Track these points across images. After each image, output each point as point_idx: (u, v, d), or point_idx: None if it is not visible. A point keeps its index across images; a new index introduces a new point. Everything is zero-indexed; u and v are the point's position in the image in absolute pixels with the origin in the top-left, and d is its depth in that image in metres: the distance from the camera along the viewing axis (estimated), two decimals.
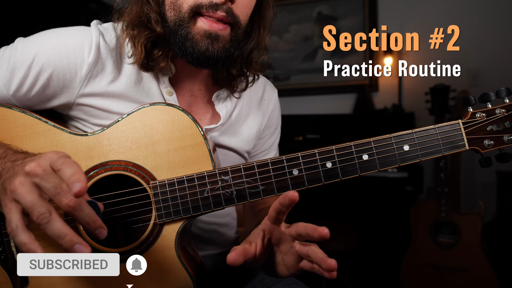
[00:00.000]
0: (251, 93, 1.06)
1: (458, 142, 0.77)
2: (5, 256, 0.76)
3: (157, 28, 0.84)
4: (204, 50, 0.81)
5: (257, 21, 0.93)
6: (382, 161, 0.76)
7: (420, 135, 0.77)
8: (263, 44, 0.96)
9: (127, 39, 0.87)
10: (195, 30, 0.81)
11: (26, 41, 0.85)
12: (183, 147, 0.79)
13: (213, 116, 0.98)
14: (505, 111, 0.77)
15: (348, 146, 0.76)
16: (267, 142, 1.12)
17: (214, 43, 0.81)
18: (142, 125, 0.79)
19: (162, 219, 0.77)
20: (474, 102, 0.79)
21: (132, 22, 0.86)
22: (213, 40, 0.81)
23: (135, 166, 0.78)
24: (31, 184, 0.57)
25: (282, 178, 0.76)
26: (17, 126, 0.78)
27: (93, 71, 0.85)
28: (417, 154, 0.76)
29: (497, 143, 0.77)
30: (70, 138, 0.78)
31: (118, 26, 0.90)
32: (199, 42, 0.81)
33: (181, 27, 0.81)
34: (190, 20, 0.81)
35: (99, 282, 0.77)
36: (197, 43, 0.81)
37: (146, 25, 0.86)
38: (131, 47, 0.86)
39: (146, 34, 0.84)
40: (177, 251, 0.77)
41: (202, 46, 0.81)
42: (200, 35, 0.81)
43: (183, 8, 0.81)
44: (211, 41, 0.81)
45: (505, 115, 0.77)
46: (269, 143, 1.13)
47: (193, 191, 0.77)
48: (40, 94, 0.85)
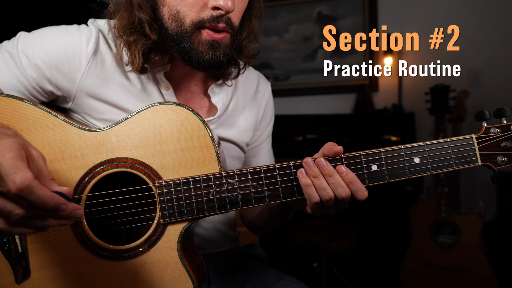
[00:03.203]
0: (246, 86, 1.08)
1: (471, 157, 0.75)
2: (9, 247, 0.77)
3: (152, 35, 0.86)
4: (209, 59, 0.85)
5: (247, 11, 0.95)
6: (391, 172, 0.75)
7: (432, 148, 0.75)
8: (254, 33, 0.98)
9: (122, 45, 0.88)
10: (198, 42, 0.84)
11: (27, 35, 0.88)
12: (190, 147, 0.79)
13: (210, 109, 1.00)
14: None
15: (358, 155, 0.75)
16: (264, 133, 1.15)
17: (216, 51, 0.85)
18: (151, 123, 0.79)
19: (166, 219, 0.77)
20: (489, 117, 0.76)
21: (124, 28, 0.87)
22: (215, 49, 0.85)
23: (142, 164, 0.78)
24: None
25: (288, 184, 0.76)
26: (28, 119, 0.78)
27: (93, 62, 0.88)
28: (427, 168, 0.75)
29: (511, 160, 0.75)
30: (79, 133, 0.79)
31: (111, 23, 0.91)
32: (203, 52, 0.84)
33: (183, 39, 0.84)
34: (193, 33, 0.83)
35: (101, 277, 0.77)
36: (202, 54, 0.84)
37: (139, 31, 0.87)
38: (127, 53, 0.88)
39: (143, 41, 0.86)
40: (179, 252, 0.77)
41: (206, 56, 0.84)
42: (204, 46, 0.84)
43: (185, 22, 0.83)
44: (213, 50, 0.84)
45: None
46: (265, 134, 1.15)
47: (198, 192, 0.77)
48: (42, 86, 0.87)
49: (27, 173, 0.54)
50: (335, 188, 0.74)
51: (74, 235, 0.77)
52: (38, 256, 0.76)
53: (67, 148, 0.78)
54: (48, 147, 0.77)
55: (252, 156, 1.15)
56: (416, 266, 2.29)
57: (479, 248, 2.17)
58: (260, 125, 1.12)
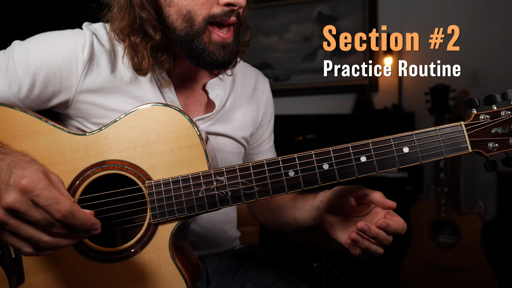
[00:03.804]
0: (244, 82, 1.09)
1: (461, 145, 0.74)
2: (2, 252, 0.77)
3: (156, 36, 0.86)
4: (220, 59, 0.88)
5: None
6: (380, 163, 0.75)
7: (421, 137, 0.75)
8: (245, 23, 0.99)
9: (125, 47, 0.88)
10: (210, 43, 0.86)
11: (22, 44, 0.88)
12: (179, 147, 0.79)
13: (208, 105, 1.01)
14: (510, 113, 0.73)
15: (346, 147, 0.75)
16: (268, 129, 1.16)
17: (226, 50, 0.88)
18: (139, 125, 0.79)
19: (156, 219, 0.77)
20: (478, 104, 0.75)
21: (124, 30, 0.87)
22: (225, 49, 0.88)
23: (131, 166, 0.78)
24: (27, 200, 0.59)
25: (277, 179, 0.76)
26: (18, 126, 0.79)
27: (89, 67, 0.88)
28: (417, 157, 0.74)
29: (502, 146, 0.74)
30: (69, 137, 0.79)
31: (107, 26, 0.92)
32: (215, 53, 0.87)
33: (196, 39, 0.85)
34: (204, 31, 0.85)
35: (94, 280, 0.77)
36: (214, 54, 0.87)
37: (142, 32, 0.86)
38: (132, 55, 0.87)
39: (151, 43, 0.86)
40: (171, 251, 0.77)
41: (218, 56, 0.87)
42: (214, 46, 0.86)
43: (197, 21, 0.84)
44: (223, 50, 0.88)
45: (510, 117, 0.73)
46: (269, 130, 1.17)
47: (188, 191, 0.77)
48: (40, 94, 0.87)
49: (67, 201, 0.59)
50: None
51: None
52: (32, 261, 0.77)
53: (57, 152, 0.78)
54: (39, 153, 0.78)
55: (255, 154, 1.15)
56: (416, 266, 2.29)
57: (479, 248, 2.17)
58: (262, 122, 1.13)
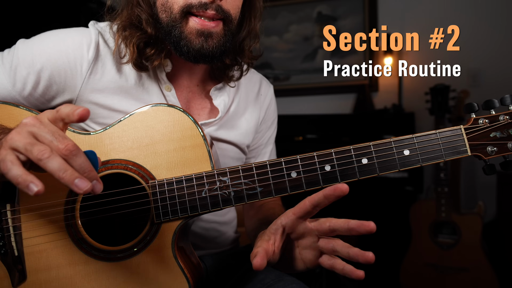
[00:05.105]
0: (248, 88, 1.08)
1: (460, 148, 0.76)
2: (5, 250, 0.77)
3: (148, 29, 0.87)
4: (199, 48, 0.84)
5: (247, 10, 0.95)
6: (381, 165, 0.75)
7: (421, 140, 0.76)
8: (254, 32, 0.98)
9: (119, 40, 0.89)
10: (188, 29, 0.84)
11: (27, 42, 0.88)
12: (182, 147, 0.79)
13: (211, 111, 1.00)
14: (509, 117, 0.76)
15: (348, 149, 0.76)
16: (264, 136, 1.14)
17: (209, 40, 0.85)
18: (143, 125, 0.79)
19: (159, 219, 0.77)
20: (477, 108, 0.77)
21: (124, 25, 0.88)
22: (207, 38, 0.84)
23: (135, 165, 0.78)
24: (27, 132, 0.58)
25: (280, 180, 0.76)
26: None
27: (93, 67, 0.88)
28: (417, 159, 0.75)
29: (501, 150, 0.76)
30: (73, 136, 0.79)
31: (114, 26, 0.92)
32: (193, 41, 0.84)
33: (174, 27, 0.84)
34: (182, 20, 0.84)
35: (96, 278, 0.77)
36: (191, 42, 0.84)
37: (138, 27, 0.88)
38: (124, 47, 0.89)
39: (138, 35, 0.87)
40: (173, 251, 0.77)
41: (196, 44, 0.84)
42: (193, 34, 0.84)
43: (174, 9, 0.84)
44: (205, 39, 0.84)
45: (509, 122, 0.75)
46: (266, 137, 1.15)
47: (191, 191, 0.77)
48: (44, 92, 0.88)
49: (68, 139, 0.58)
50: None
51: (69, 237, 0.77)
52: (34, 259, 0.77)
53: None
54: None
55: (253, 157, 1.14)
56: (416, 266, 2.29)
57: (479, 248, 2.17)
58: (260, 128, 1.11)
